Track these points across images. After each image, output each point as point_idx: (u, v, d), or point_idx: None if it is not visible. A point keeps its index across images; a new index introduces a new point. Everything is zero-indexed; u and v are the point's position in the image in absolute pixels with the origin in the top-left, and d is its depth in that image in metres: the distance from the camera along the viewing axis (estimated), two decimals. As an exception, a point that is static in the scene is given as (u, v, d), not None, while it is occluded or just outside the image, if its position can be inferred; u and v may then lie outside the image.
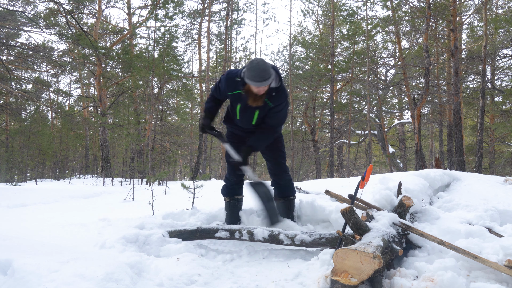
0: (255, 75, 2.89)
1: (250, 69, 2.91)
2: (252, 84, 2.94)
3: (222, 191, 3.64)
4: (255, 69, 2.89)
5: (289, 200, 3.53)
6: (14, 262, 2.01)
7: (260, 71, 2.89)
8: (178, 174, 35.60)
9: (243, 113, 3.25)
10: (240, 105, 3.20)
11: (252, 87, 2.98)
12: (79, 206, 5.83)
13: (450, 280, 2.00)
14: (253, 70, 2.89)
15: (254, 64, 2.92)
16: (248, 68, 2.93)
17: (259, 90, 2.99)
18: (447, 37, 16.43)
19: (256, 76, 2.89)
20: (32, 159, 19.73)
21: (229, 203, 3.61)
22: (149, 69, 16.44)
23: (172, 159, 17.04)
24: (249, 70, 2.92)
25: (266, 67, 2.91)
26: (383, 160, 21.01)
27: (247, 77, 2.93)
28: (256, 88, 2.97)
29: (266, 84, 2.95)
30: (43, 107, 24.36)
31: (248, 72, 2.92)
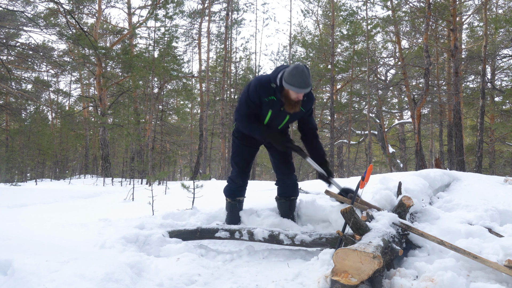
0: (300, 82, 2.89)
1: (295, 75, 2.90)
2: (295, 91, 2.94)
3: (225, 191, 3.62)
4: (301, 75, 2.89)
5: (291, 200, 3.54)
6: (14, 262, 2.01)
7: (305, 78, 2.90)
8: (178, 174, 35.61)
9: (274, 119, 3.23)
10: (271, 110, 3.16)
11: (292, 93, 2.98)
12: (79, 206, 5.83)
13: (450, 280, 2.00)
14: (298, 77, 2.89)
15: (299, 70, 2.90)
16: (291, 75, 2.91)
17: (298, 96, 3.00)
18: (447, 37, 16.43)
19: (302, 83, 2.90)
20: (32, 159, 19.73)
21: (230, 204, 3.61)
22: (149, 69, 16.45)
23: (172, 159, 17.05)
24: (293, 76, 2.90)
25: (309, 74, 2.95)
26: (383, 160, 21.01)
27: (290, 83, 2.91)
28: (296, 94, 2.98)
29: (308, 90, 2.98)
30: (43, 107, 24.37)
31: (291, 78, 2.91)
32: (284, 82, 2.96)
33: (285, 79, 2.95)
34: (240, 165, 3.51)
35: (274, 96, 3.11)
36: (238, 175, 3.52)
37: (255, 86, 3.12)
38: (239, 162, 3.51)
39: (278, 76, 3.05)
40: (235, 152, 3.53)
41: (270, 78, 3.11)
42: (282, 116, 3.22)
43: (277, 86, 3.05)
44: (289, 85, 2.92)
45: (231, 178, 3.58)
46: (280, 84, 3.02)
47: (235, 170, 3.54)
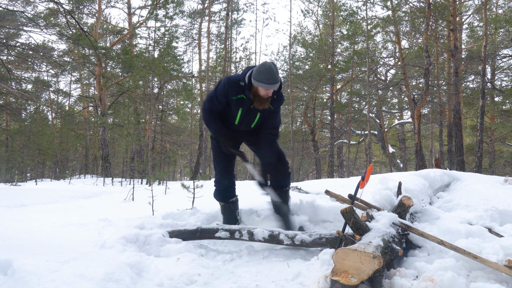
0: (268, 78, 2.96)
1: (263, 72, 2.96)
2: (263, 87, 3.00)
3: (216, 196, 3.58)
4: (268, 72, 2.96)
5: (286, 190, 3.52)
6: (14, 262, 2.01)
7: (272, 74, 2.96)
8: (178, 174, 35.61)
9: (245, 117, 3.27)
10: (241, 109, 3.21)
11: (261, 89, 3.04)
12: (79, 206, 5.83)
13: (450, 280, 2.00)
14: (266, 73, 2.96)
15: (267, 67, 2.97)
16: (260, 71, 2.97)
17: (267, 93, 3.06)
18: (447, 37, 16.44)
19: (269, 79, 2.96)
20: (32, 159, 19.73)
21: (224, 207, 3.57)
22: (149, 69, 16.45)
23: (172, 159, 17.05)
24: (261, 73, 2.97)
25: (276, 70, 3.01)
26: (383, 160, 21.01)
27: (259, 79, 2.98)
28: (265, 90, 3.04)
29: (276, 87, 3.03)
30: (43, 107, 24.36)
31: (259, 75, 2.97)
32: (253, 79, 3.02)
33: (253, 77, 3.02)
34: (222, 165, 3.50)
35: (243, 95, 3.16)
36: (222, 175, 3.50)
37: (223, 84, 3.18)
38: (220, 162, 3.50)
39: (247, 74, 3.12)
40: (215, 152, 3.52)
41: (239, 77, 3.17)
42: (253, 114, 3.26)
43: (245, 84, 3.11)
44: (258, 82, 3.00)
45: (216, 180, 3.55)
46: (249, 82, 3.09)
47: (218, 171, 3.52)
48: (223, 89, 3.17)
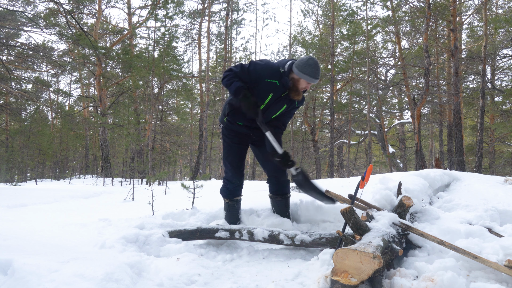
0: (315, 72, 3.04)
1: (311, 65, 3.04)
2: (307, 80, 3.06)
3: (223, 192, 3.57)
4: (315, 66, 3.04)
5: (286, 197, 3.51)
6: (14, 262, 2.00)
7: (318, 69, 3.07)
8: (178, 174, 35.62)
9: (271, 104, 3.24)
10: (272, 94, 3.19)
11: (302, 81, 3.11)
12: (79, 206, 5.83)
13: (450, 280, 2.00)
14: (313, 67, 3.04)
15: (314, 61, 3.06)
16: (308, 64, 3.04)
17: (307, 86, 3.15)
18: (447, 37, 16.44)
19: (316, 73, 3.05)
20: (32, 159, 19.74)
21: (229, 204, 3.57)
22: (149, 69, 16.45)
23: (172, 159, 17.06)
24: (309, 66, 3.03)
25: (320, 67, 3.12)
26: (383, 160, 21.01)
27: (305, 71, 3.03)
28: (306, 83, 3.12)
29: (317, 82, 3.13)
30: (43, 107, 24.37)
31: (307, 67, 3.03)
32: (298, 70, 3.06)
33: (298, 67, 3.06)
34: (234, 164, 3.47)
35: (277, 81, 3.15)
36: (234, 175, 3.48)
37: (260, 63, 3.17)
38: (233, 161, 3.46)
39: (287, 63, 3.15)
40: (227, 151, 3.48)
41: (278, 64, 3.19)
42: (280, 104, 3.25)
43: (284, 71, 3.13)
44: (303, 74, 3.04)
45: (227, 178, 3.52)
46: (289, 71, 3.12)
47: (230, 170, 3.48)
48: (259, 67, 3.13)
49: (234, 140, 3.45)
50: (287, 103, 3.26)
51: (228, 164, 3.48)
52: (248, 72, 3.15)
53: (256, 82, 3.15)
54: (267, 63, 3.19)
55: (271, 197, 3.55)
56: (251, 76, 3.15)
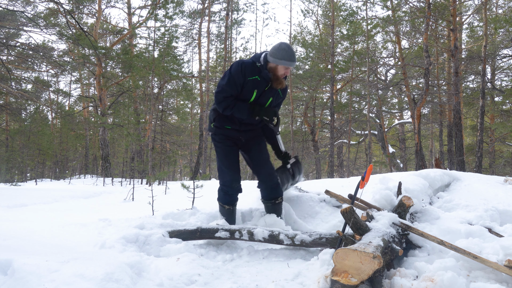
0: (289, 55, 3.07)
1: (284, 49, 3.07)
2: (284, 64, 3.09)
3: (222, 199, 3.47)
4: (288, 49, 3.08)
5: (278, 202, 3.46)
6: (14, 262, 2.00)
7: (292, 52, 3.09)
8: (178, 174, 35.60)
9: (258, 99, 3.28)
10: (256, 90, 3.22)
11: (280, 68, 3.12)
12: (79, 206, 5.82)
13: (450, 280, 2.00)
14: (287, 51, 3.07)
15: (285, 45, 3.09)
16: (281, 49, 3.07)
17: (286, 72, 3.16)
18: (447, 37, 16.44)
19: (290, 56, 3.07)
20: (32, 159, 19.74)
21: (229, 210, 3.49)
22: (149, 69, 16.45)
23: (172, 159, 17.06)
24: (282, 50, 3.06)
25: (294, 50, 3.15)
26: (383, 160, 21.00)
27: (280, 57, 3.06)
28: (284, 69, 3.13)
29: (294, 65, 3.14)
30: (43, 107, 24.37)
31: (280, 52, 3.06)
32: (272, 57, 3.09)
33: (273, 55, 3.08)
34: (232, 167, 3.38)
35: (258, 76, 3.17)
36: (233, 179, 3.38)
37: (239, 65, 3.16)
38: (230, 165, 3.38)
39: (261, 56, 3.17)
40: (223, 155, 3.38)
41: (253, 59, 3.21)
42: (266, 97, 3.29)
43: (261, 64, 3.15)
44: (278, 60, 3.07)
45: (226, 185, 3.40)
46: (265, 63, 3.14)
47: (228, 175, 3.37)
48: (240, 69, 3.13)
49: (227, 143, 3.40)
50: (272, 96, 3.30)
51: (225, 168, 3.39)
52: (235, 82, 3.14)
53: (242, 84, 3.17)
54: (242, 62, 3.19)
55: (263, 202, 3.52)
56: (239, 83, 3.16)
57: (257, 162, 3.44)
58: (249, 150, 3.46)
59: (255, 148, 3.45)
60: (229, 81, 3.14)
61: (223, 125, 3.37)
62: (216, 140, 3.43)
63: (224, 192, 3.45)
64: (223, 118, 3.35)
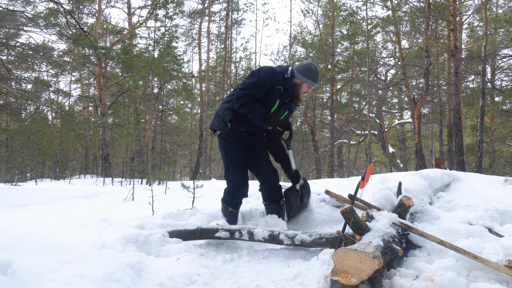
0: (316, 76, 3.18)
1: (313, 70, 3.16)
2: (310, 84, 3.19)
3: (228, 201, 3.45)
4: (316, 71, 3.18)
5: (280, 204, 3.48)
6: (14, 262, 2.00)
7: (318, 74, 3.21)
8: (178, 174, 35.60)
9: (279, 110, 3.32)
10: (279, 100, 3.25)
11: (304, 86, 3.22)
12: (79, 206, 5.83)
13: (450, 280, 2.00)
14: (315, 72, 3.17)
15: (314, 67, 3.18)
16: (310, 69, 3.15)
17: (308, 91, 3.26)
18: (447, 37, 16.43)
19: (317, 78, 3.19)
20: (32, 159, 19.74)
21: (232, 213, 3.49)
22: (149, 69, 16.45)
23: (172, 159, 17.07)
24: (311, 71, 3.15)
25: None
26: (383, 160, 21.00)
27: (308, 76, 3.14)
28: (308, 88, 3.23)
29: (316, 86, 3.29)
30: (43, 107, 24.38)
31: (309, 72, 3.15)
32: (300, 74, 3.16)
33: (301, 72, 3.15)
34: (241, 170, 3.36)
35: (282, 87, 3.21)
36: (242, 182, 3.35)
37: (269, 70, 3.18)
38: (239, 167, 3.36)
39: (288, 69, 3.23)
40: (236, 157, 3.34)
41: (280, 69, 3.24)
42: (284, 109, 3.34)
43: (288, 77, 3.20)
44: (306, 79, 3.15)
45: (234, 188, 3.36)
46: (291, 76, 3.20)
47: (237, 178, 3.34)
48: (269, 75, 3.16)
49: (239, 146, 3.37)
50: (288, 109, 3.34)
51: (234, 171, 3.35)
52: (262, 86, 3.14)
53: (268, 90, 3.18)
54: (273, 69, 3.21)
55: (265, 205, 3.52)
56: (266, 87, 3.16)
57: (261, 165, 3.46)
58: (255, 153, 3.47)
59: (261, 152, 3.48)
60: (256, 82, 3.15)
61: (239, 127, 3.34)
62: (227, 141, 3.37)
63: (231, 195, 3.42)
64: (240, 120, 3.30)
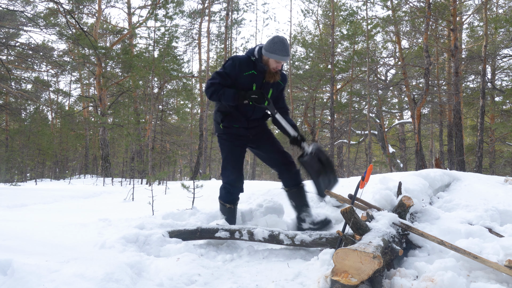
0: (282, 49, 3.08)
1: (277, 43, 3.08)
2: (276, 58, 3.10)
3: (224, 197, 3.48)
4: (282, 43, 3.09)
5: (301, 187, 3.48)
6: (14, 262, 2.00)
7: (285, 46, 3.10)
8: (178, 174, 35.60)
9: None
10: (255, 84, 3.24)
11: (272, 61, 3.14)
12: (79, 206, 5.83)
13: (450, 280, 1.99)
14: (280, 45, 3.08)
15: (280, 39, 3.10)
16: (274, 42, 3.08)
17: (278, 66, 3.16)
18: (447, 37, 16.44)
19: (283, 50, 3.08)
20: (32, 159, 19.74)
21: (230, 209, 3.50)
22: (149, 69, 16.45)
23: (172, 159, 17.07)
24: (275, 44, 3.07)
25: (288, 45, 3.13)
26: (383, 160, 21.01)
27: (271, 51, 3.07)
28: (276, 63, 3.14)
29: (287, 60, 3.14)
30: (43, 107, 24.39)
31: (273, 45, 3.07)
32: (265, 51, 3.11)
33: (265, 48, 3.11)
34: (237, 167, 3.41)
35: (254, 70, 3.21)
36: (237, 178, 3.41)
37: (232, 59, 3.22)
38: (235, 164, 3.41)
39: (255, 49, 3.20)
40: (228, 153, 3.42)
41: (247, 54, 3.25)
42: (267, 89, 3.30)
43: (256, 58, 3.18)
44: (270, 53, 3.09)
45: (229, 183, 3.42)
46: (259, 56, 3.16)
47: (233, 173, 3.40)
48: (232, 64, 3.18)
49: (235, 143, 3.42)
50: (272, 87, 3.31)
51: (230, 167, 3.41)
52: (227, 74, 3.21)
53: (235, 78, 3.22)
54: (236, 57, 3.24)
55: (287, 190, 3.51)
56: (231, 75, 3.21)
57: (271, 153, 3.48)
58: (259, 144, 3.49)
59: (266, 142, 3.49)
60: (220, 72, 3.24)
61: (231, 125, 3.39)
62: (224, 139, 3.45)
63: (227, 191, 3.47)
64: (230, 117, 3.37)
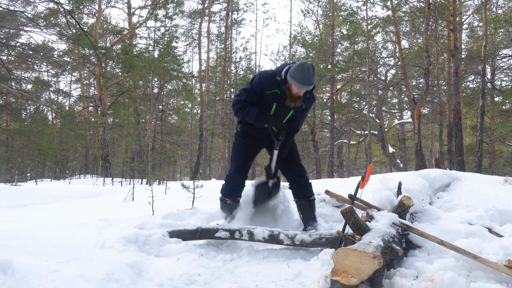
0: (303, 78, 2.99)
1: (300, 71, 2.99)
2: (296, 86, 3.03)
3: (224, 191, 3.55)
4: (306, 72, 2.98)
5: (311, 200, 3.49)
6: (14, 262, 2.00)
7: (309, 75, 2.99)
8: (178, 174, 35.59)
9: (278, 112, 3.29)
10: (276, 104, 3.23)
11: (293, 87, 3.07)
12: (79, 206, 5.82)
13: (450, 280, 2.00)
14: (303, 73, 2.98)
15: (305, 67, 2.99)
16: (297, 70, 3.00)
17: (299, 92, 3.09)
18: (447, 37, 16.43)
19: (304, 80, 2.99)
20: (32, 159, 19.74)
21: (230, 206, 3.52)
22: (149, 69, 16.45)
23: (172, 159, 17.07)
24: (298, 72, 2.99)
25: (314, 73, 3.03)
26: (383, 160, 21.01)
27: (294, 77, 3.01)
28: (297, 89, 3.07)
29: (309, 89, 3.08)
30: (43, 107, 24.38)
31: (296, 73, 3.00)
32: (289, 75, 3.05)
33: (289, 73, 3.04)
34: (239, 161, 3.47)
35: (278, 89, 3.18)
36: (237, 172, 3.46)
37: (259, 76, 3.22)
38: (239, 158, 3.48)
39: (283, 70, 3.14)
40: (236, 148, 3.51)
41: (275, 72, 3.20)
42: (287, 110, 3.28)
43: (281, 79, 3.14)
44: (292, 79, 3.02)
45: (229, 176, 3.52)
46: (285, 78, 3.12)
47: (233, 167, 3.49)
48: (258, 80, 3.19)
49: (250, 142, 3.48)
50: (293, 108, 3.28)
51: (233, 160, 3.50)
52: (253, 91, 3.22)
53: (261, 94, 3.22)
54: (264, 74, 3.22)
55: (296, 202, 3.54)
56: (257, 93, 3.22)
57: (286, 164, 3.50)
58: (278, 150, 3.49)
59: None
60: (247, 88, 3.25)
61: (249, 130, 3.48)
62: (240, 135, 3.52)
63: (226, 183, 3.53)
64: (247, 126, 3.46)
